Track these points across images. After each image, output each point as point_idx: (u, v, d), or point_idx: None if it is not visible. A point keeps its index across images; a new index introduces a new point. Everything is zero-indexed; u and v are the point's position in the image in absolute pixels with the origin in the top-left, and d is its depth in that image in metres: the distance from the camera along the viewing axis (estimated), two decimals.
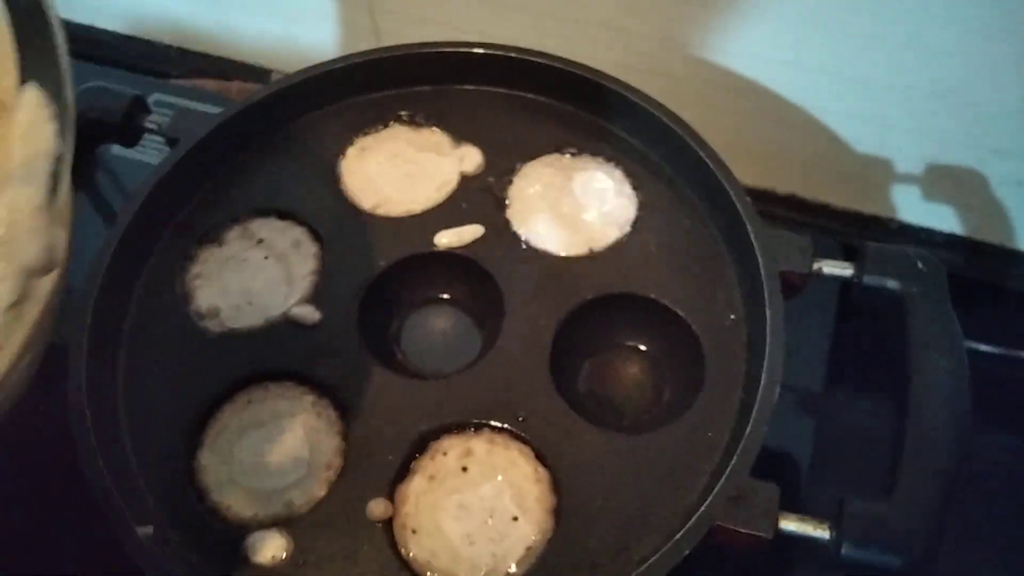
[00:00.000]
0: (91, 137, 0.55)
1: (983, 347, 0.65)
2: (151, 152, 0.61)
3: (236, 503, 0.44)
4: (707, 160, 0.50)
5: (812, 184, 0.70)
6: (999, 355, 0.66)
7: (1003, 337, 0.67)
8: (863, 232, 0.70)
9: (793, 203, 0.71)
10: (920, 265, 0.45)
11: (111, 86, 0.56)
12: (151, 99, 0.66)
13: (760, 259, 0.46)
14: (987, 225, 0.67)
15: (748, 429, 0.41)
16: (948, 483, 0.38)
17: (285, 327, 0.49)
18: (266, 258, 0.52)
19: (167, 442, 0.46)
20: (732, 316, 0.48)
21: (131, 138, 0.56)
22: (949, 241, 0.69)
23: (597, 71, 0.55)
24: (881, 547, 0.38)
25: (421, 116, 0.57)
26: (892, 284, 0.45)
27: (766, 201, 0.71)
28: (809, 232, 0.70)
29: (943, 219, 0.68)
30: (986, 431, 0.43)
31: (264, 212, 0.54)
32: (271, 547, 0.43)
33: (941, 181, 0.66)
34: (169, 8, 0.79)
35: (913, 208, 0.68)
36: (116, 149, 0.59)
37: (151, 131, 0.55)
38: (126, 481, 0.43)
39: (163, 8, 0.80)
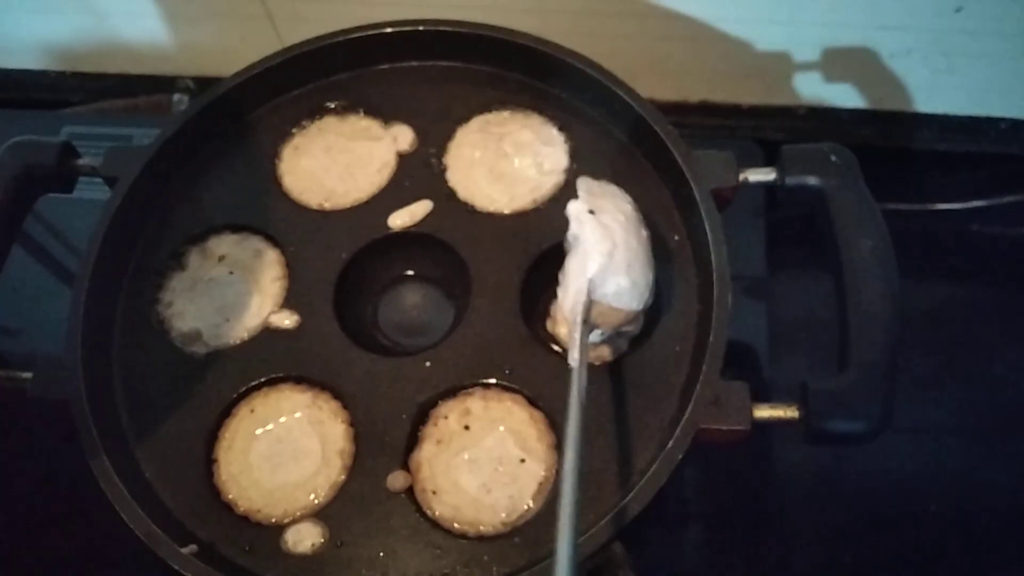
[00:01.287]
0: (28, 191, 0.55)
1: (898, 206, 0.71)
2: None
3: (265, 505, 0.48)
4: (625, 97, 0.53)
5: (721, 88, 0.74)
6: (911, 211, 0.72)
7: (910, 194, 0.73)
8: (774, 123, 0.75)
9: (706, 109, 0.75)
10: (834, 158, 0.49)
11: (37, 137, 0.55)
12: (63, 134, 0.66)
13: (691, 182, 0.50)
14: (886, 95, 0.72)
15: (711, 339, 0.46)
16: (892, 349, 0.44)
17: (267, 335, 0.52)
18: (231, 273, 0.54)
19: (185, 469, 0.48)
20: (676, 237, 0.52)
21: (67, 184, 0.56)
22: (854, 116, 0.74)
23: (506, 29, 0.57)
24: (845, 418, 0.43)
25: (345, 104, 0.58)
26: (812, 181, 0.49)
27: (681, 112, 0.75)
28: (723, 132, 0.75)
29: (846, 97, 0.73)
30: (904, 279, 0.48)
31: (217, 229, 0.55)
32: (309, 536, 0.46)
33: (838, 63, 0.70)
34: (52, 34, 0.78)
35: (817, 92, 0.73)
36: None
37: (87, 173, 0.56)
38: (160, 515, 0.46)
39: (46, 36, 0.78)
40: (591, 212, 0.45)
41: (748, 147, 0.68)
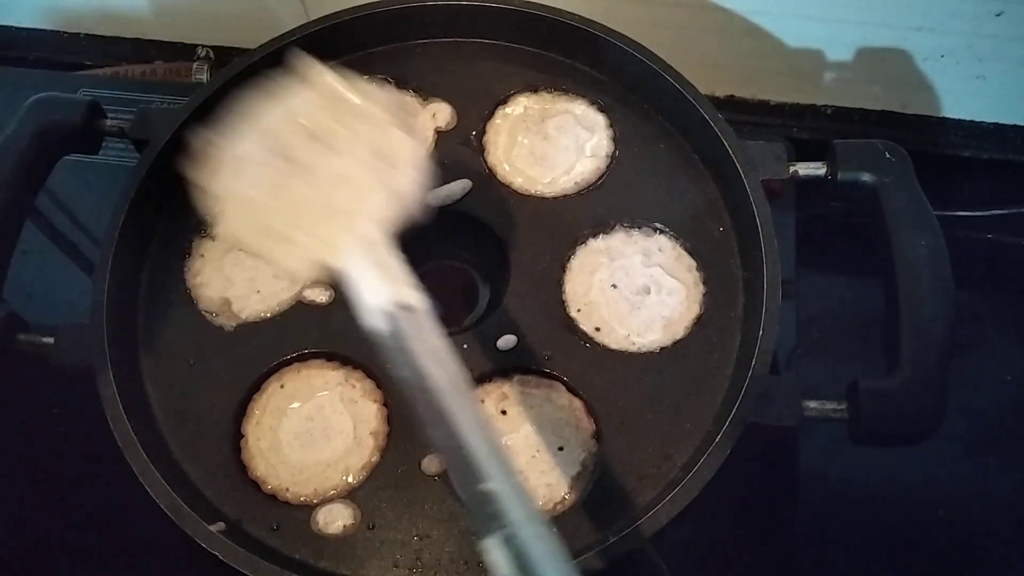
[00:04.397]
0: (52, 150, 0.53)
1: None
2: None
3: (294, 484, 0.46)
4: (674, 83, 0.52)
5: (750, 84, 0.73)
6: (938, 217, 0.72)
7: (937, 200, 0.73)
8: (800, 122, 0.74)
9: (733, 104, 0.74)
10: (888, 155, 0.48)
11: (61, 94, 0.54)
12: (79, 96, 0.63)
13: (741, 172, 0.49)
14: (915, 99, 0.71)
15: (761, 332, 0.45)
16: (946, 350, 0.43)
17: (300, 310, 0.50)
18: None
19: (212, 443, 0.47)
20: (720, 228, 0.51)
21: (92, 145, 0.54)
22: (881, 118, 0.73)
23: (551, 8, 0.55)
24: (897, 419, 0.43)
25: (382, 78, 0.57)
26: (865, 177, 0.48)
27: None
28: (748, 128, 0.74)
29: (874, 99, 0.72)
30: None
31: None
32: (340, 518, 0.45)
33: (870, 63, 0.69)
34: None
35: (845, 93, 0.72)
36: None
37: (113, 135, 0.54)
38: (186, 490, 0.44)
39: None
40: None
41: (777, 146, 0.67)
